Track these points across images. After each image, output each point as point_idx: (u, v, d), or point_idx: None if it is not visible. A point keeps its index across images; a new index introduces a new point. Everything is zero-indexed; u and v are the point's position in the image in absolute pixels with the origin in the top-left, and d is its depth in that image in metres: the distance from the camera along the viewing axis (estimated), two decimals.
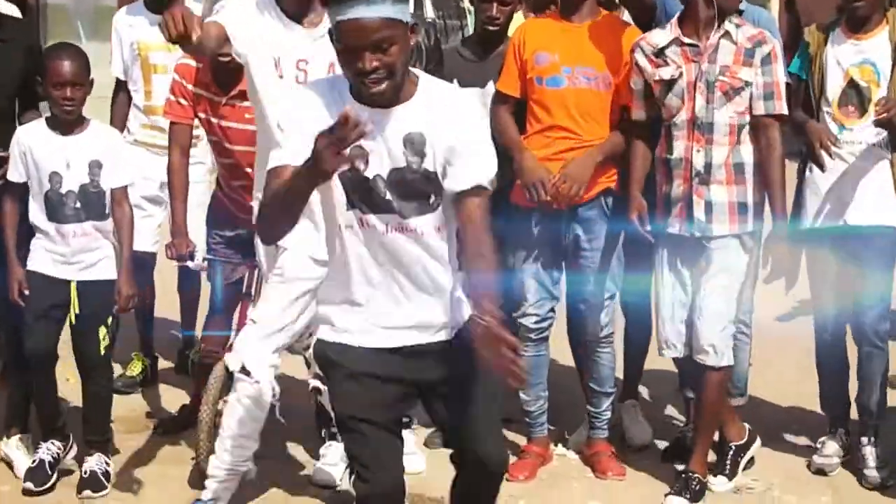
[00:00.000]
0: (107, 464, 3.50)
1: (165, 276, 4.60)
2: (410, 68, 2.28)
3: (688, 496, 3.32)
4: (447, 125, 2.24)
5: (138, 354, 4.44)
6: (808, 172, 3.54)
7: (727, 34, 3.27)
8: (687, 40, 3.29)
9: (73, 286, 3.40)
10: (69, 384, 3.80)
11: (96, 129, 3.50)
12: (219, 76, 3.54)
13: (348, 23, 2.11)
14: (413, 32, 2.21)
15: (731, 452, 3.56)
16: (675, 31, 3.31)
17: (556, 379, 3.89)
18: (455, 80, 3.38)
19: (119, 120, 4.31)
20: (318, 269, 2.71)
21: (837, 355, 3.67)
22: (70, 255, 3.40)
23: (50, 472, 3.44)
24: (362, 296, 2.31)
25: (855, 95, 3.47)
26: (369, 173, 2.23)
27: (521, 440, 3.76)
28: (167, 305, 4.75)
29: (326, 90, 2.27)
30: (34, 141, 3.37)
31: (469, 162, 2.23)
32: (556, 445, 3.82)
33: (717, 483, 3.47)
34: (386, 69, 2.13)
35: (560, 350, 3.99)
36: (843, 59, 3.48)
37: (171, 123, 3.67)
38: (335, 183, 2.19)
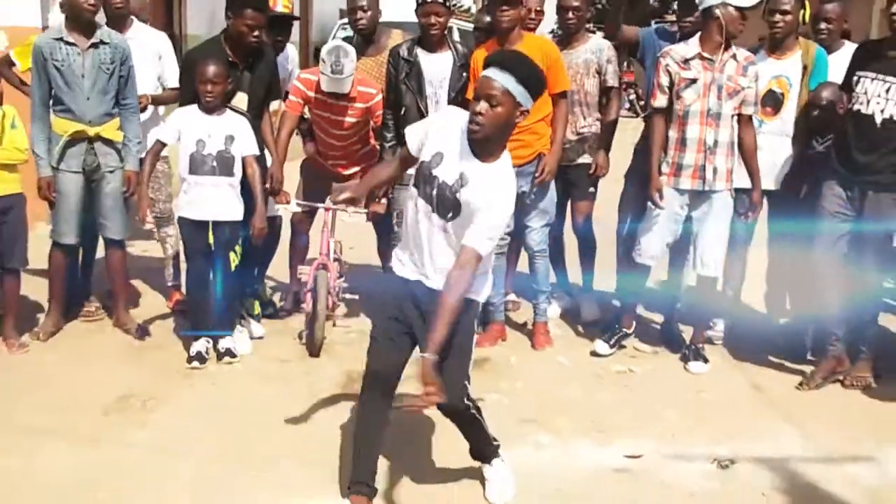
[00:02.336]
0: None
1: None
2: None
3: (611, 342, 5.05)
4: (486, 193, 3.00)
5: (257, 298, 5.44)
6: None
7: (734, 56, 4.63)
8: (707, 55, 4.62)
9: (210, 225, 4.68)
10: None
11: (230, 114, 4.68)
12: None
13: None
14: None
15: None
16: (697, 48, 4.64)
17: None
18: None
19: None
20: None
21: None
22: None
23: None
24: (411, 245, 3.23)
25: (771, 100, 4.92)
26: (436, 173, 3.08)
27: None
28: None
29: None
30: (189, 118, 4.62)
31: (478, 228, 2.99)
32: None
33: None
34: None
35: None
36: (764, 73, 4.81)
37: (285, 112, 5.10)
38: (413, 170, 3.21)
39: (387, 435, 3.36)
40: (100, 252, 5.25)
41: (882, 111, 4.39)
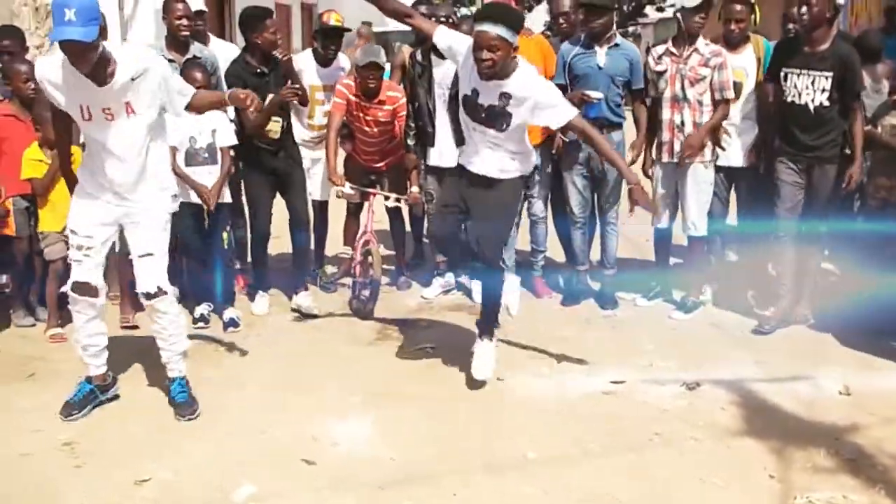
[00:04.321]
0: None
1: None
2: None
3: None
4: (527, 92, 4.17)
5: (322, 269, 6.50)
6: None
7: (696, 49, 5.45)
8: (673, 51, 5.52)
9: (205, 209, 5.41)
10: None
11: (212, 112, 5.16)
12: (366, 91, 5.80)
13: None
14: None
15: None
16: (668, 46, 5.55)
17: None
18: None
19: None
20: None
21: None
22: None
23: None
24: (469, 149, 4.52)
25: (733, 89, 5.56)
26: (481, 101, 4.21)
27: None
28: None
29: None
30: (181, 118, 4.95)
31: (553, 109, 4.22)
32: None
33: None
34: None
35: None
36: None
37: (332, 112, 5.90)
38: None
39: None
40: None
41: (812, 100, 5.09)
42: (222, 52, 6.13)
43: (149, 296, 4.14)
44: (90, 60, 3.72)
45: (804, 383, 4.61)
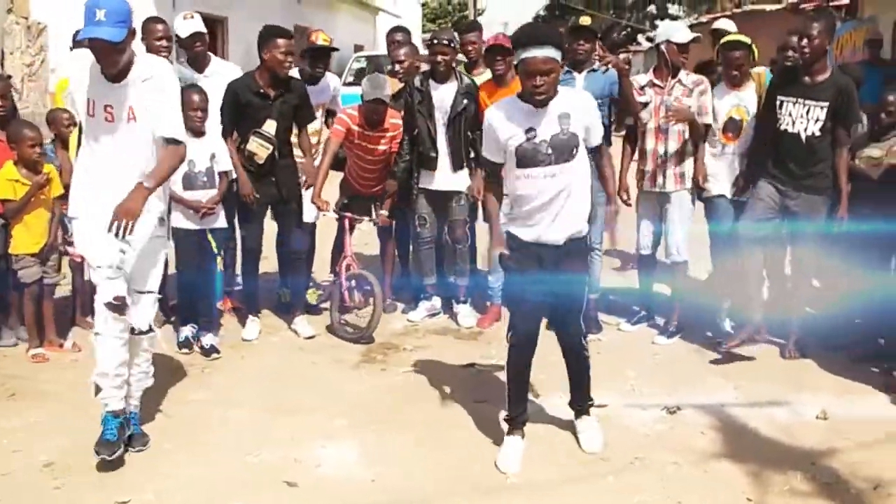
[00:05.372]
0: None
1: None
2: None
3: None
4: (576, 109, 3.94)
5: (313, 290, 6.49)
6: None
7: (679, 81, 5.55)
8: (657, 82, 5.60)
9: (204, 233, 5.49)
10: None
11: (210, 135, 5.42)
12: (369, 121, 5.87)
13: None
14: None
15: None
16: (650, 77, 5.64)
17: None
18: None
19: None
20: None
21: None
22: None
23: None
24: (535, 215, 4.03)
25: (732, 126, 5.66)
26: (541, 139, 3.89)
27: None
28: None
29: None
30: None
31: (595, 129, 4.03)
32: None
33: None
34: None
35: None
36: (726, 103, 5.63)
37: (329, 139, 5.95)
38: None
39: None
40: None
41: (805, 129, 5.15)
42: (225, 72, 6.00)
43: (141, 332, 4.13)
44: (117, 62, 3.83)
45: (782, 408, 4.67)
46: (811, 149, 5.19)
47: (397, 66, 6.43)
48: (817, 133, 5.15)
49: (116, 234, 3.71)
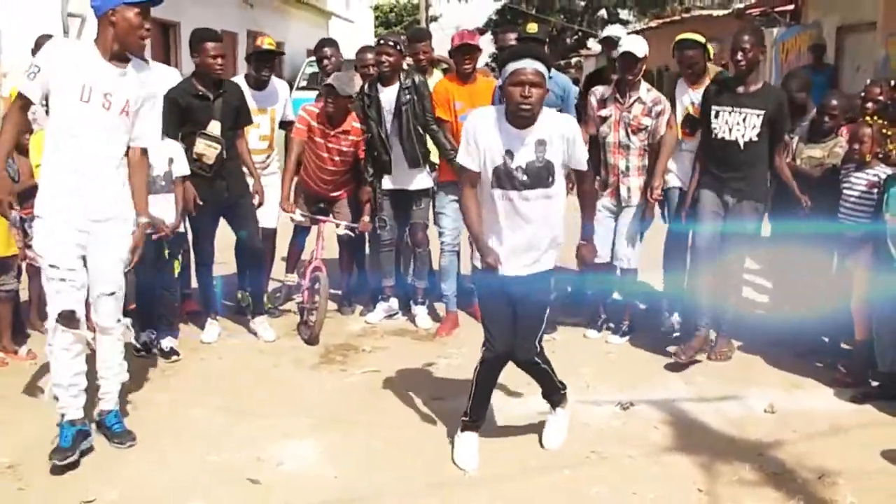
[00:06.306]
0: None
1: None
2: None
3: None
4: (557, 135, 3.83)
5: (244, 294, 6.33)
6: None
7: (639, 98, 5.60)
8: (618, 97, 5.64)
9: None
10: None
11: (168, 139, 5.29)
12: (330, 118, 5.85)
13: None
14: None
15: None
16: (612, 91, 5.66)
17: None
18: None
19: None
20: None
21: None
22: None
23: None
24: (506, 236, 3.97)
25: (689, 123, 5.77)
26: (518, 163, 3.80)
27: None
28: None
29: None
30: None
31: (579, 152, 3.90)
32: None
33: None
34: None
35: None
36: (684, 101, 5.77)
37: (293, 138, 5.99)
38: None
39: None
40: None
41: (742, 136, 5.25)
42: (162, 76, 5.87)
43: (107, 330, 4.16)
44: (144, 36, 3.98)
45: (732, 402, 4.83)
46: (748, 155, 5.30)
47: (371, 70, 6.28)
48: (755, 139, 5.27)
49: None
